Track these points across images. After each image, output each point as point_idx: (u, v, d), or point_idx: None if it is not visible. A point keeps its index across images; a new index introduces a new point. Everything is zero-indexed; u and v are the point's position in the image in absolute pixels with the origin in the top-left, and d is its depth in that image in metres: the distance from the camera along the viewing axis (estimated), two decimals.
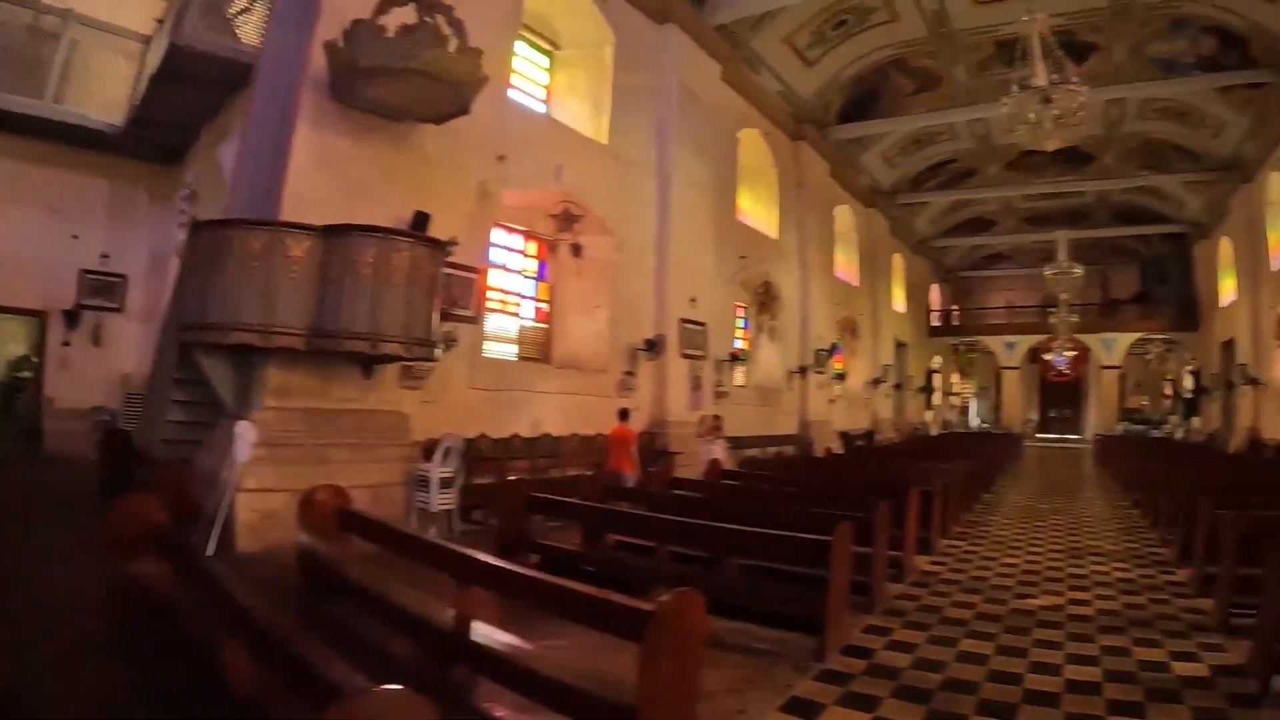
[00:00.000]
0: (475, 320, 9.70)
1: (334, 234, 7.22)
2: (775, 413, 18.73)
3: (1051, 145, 10.17)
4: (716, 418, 12.24)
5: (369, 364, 7.81)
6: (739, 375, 17.74)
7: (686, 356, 14.18)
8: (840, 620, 5.25)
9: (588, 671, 3.41)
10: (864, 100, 20.36)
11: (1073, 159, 25.25)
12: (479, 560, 3.86)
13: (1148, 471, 12.38)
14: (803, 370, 19.90)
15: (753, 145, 18.53)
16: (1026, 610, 6.37)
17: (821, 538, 5.15)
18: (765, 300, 18.97)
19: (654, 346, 13.36)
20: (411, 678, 3.40)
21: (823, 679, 4.60)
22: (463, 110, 8.04)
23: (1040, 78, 10.46)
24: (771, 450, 16.92)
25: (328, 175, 7.86)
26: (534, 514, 6.77)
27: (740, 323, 18.52)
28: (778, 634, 5.20)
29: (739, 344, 18.03)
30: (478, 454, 9.32)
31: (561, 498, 6.85)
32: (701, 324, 14.59)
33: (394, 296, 7.38)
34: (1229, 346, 25.23)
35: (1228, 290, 26.07)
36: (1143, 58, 18.07)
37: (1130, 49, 17.75)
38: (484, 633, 3.69)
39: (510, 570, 3.79)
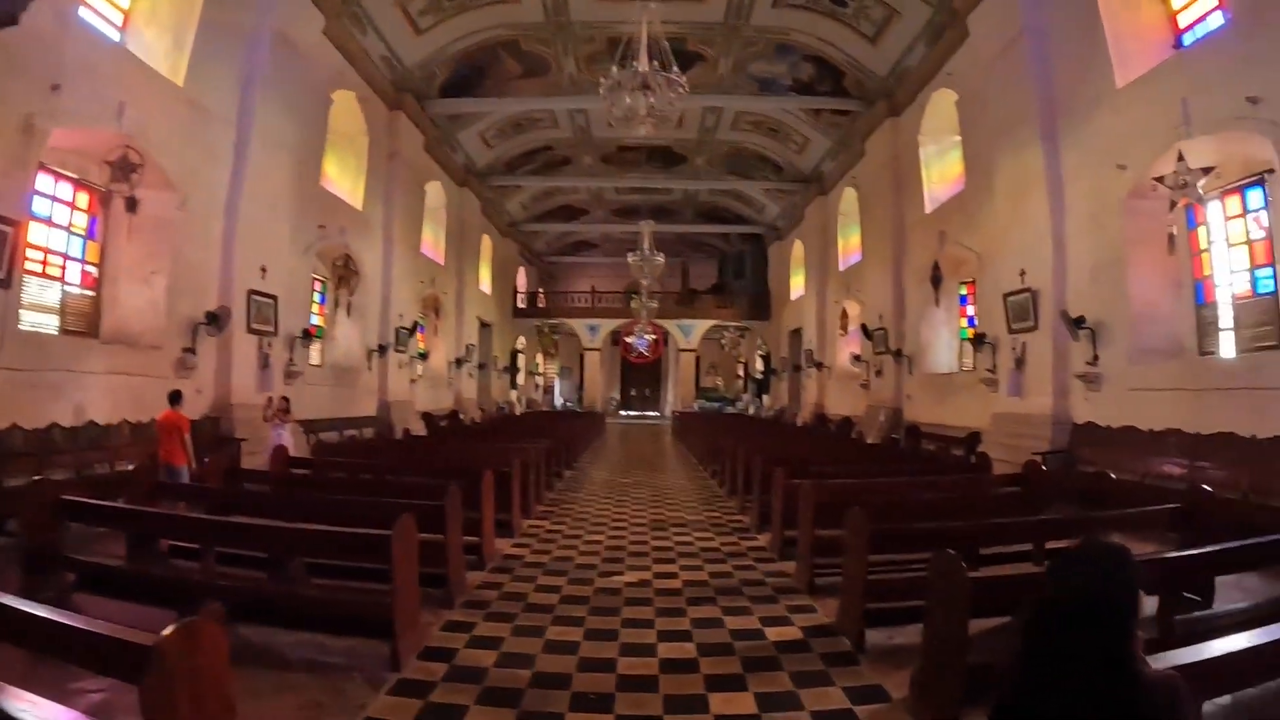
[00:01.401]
0: (6, 284, 8.93)
1: None
2: (354, 393, 19.31)
3: (644, 131, 11.33)
4: (284, 399, 12.50)
5: None
6: (315, 353, 18.02)
7: (255, 332, 14.21)
8: (414, 621, 5.25)
9: None
10: (470, 77, 21.72)
11: (665, 158, 29.92)
12: None
13: (724, 445, 14.09)
14: (383, 349, 20.59)
15: (347, 109, 18.81)
16: (613, 589, 6.85)
17: (381, 532, 5.04)
18: (345, 274, 19.32)
19: (218, 320, 13.16)
20: None
21: (400, 692, 4.50)
22: (10, 20, 7.66)
23: (643, 64, 11.68)
24: (350, 433, 17.44)
25: None
26: (69, 521, 6.10)
27: (317, 297, 18.69)
28: (352, 643, 5.06)
29: (315, 320, 18.24)
30: (9, 450, 8.70)
31: (95, 500, 6.27)
32: (273, 296, 14.67)
33: None
34: (797, 334, 32.56)
35: (798, 286, 33.43)
36: (745, 74, 22.07)
37: (735, 64, 21.52)
38: None
39: None
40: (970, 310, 18.47)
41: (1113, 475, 8.67)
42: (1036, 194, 13.55)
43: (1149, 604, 4.76)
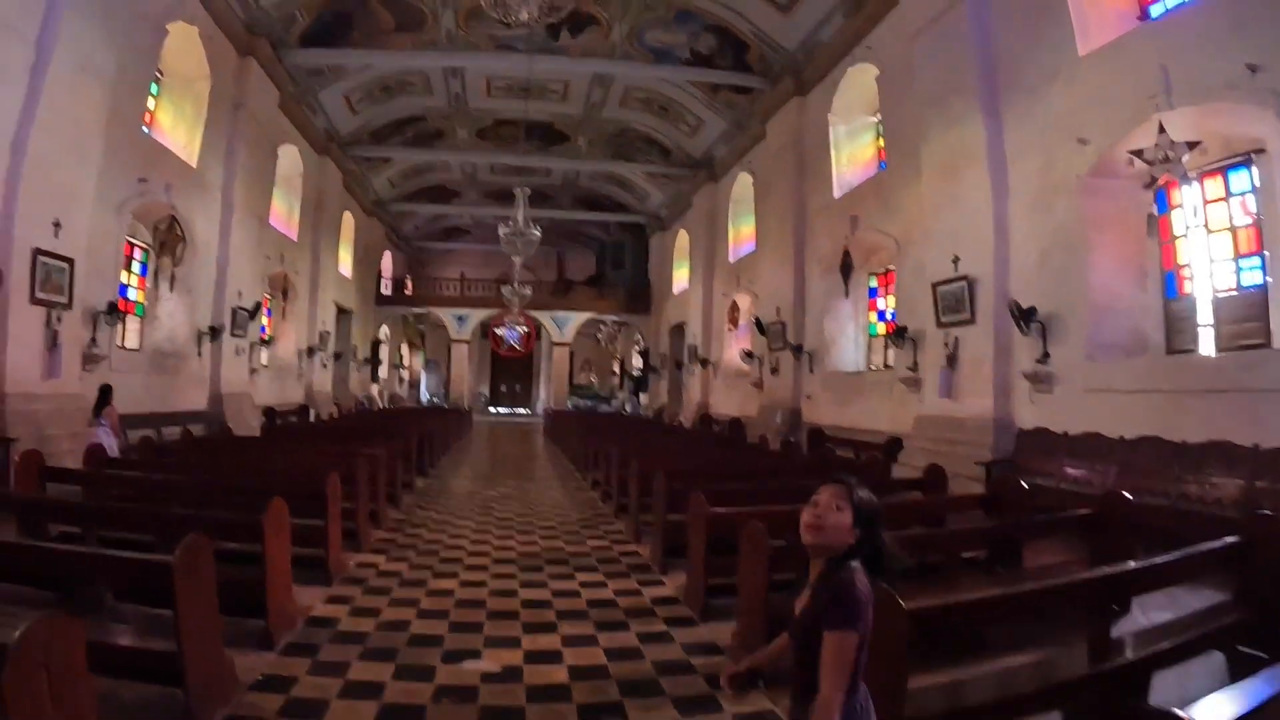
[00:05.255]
0: None
1: None
2: (177, 383, 16.17)
3: (525, 14, 9.52)
4: None
5: None
6: (133, 335, 15.01)
7: (41, 303, 11.10)
8: None
9: None
10: (335, 26, 18.73)
11: (545, 136, 27.59)
12: None
13: (608, 452, 12.19)
14: (215, 331, 17.50)
15: (186, 45, 15.55)
16: (464, 689, 4.52)
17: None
18: (170, 240, 16.06)
19: None
20: None
21: None
22: None
23: None
24: (171, 432, 14.40)
25: None
26: None
27: (138, 268, 15.49)
28: None
29: (133, 294, 15.08)
30: None
31: None
32: (68, 260, 11.56)
33: None
34: (680, 329, 30.98)
35: (681, 278, 31.91)
36: (640, 42, 19.94)
37: (630, 30, 19.35)
38: None
39: None
40: (882, 304, 17.16)
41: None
42: (974, 173, 12.03)
43: None
